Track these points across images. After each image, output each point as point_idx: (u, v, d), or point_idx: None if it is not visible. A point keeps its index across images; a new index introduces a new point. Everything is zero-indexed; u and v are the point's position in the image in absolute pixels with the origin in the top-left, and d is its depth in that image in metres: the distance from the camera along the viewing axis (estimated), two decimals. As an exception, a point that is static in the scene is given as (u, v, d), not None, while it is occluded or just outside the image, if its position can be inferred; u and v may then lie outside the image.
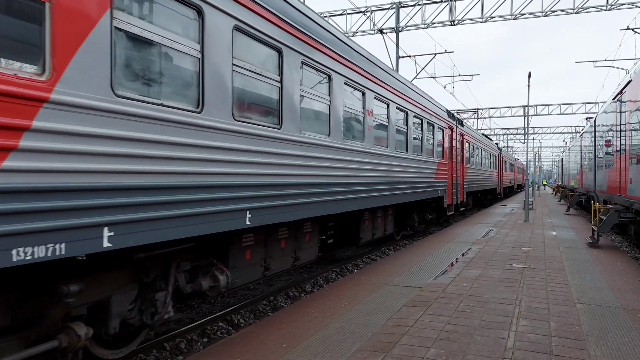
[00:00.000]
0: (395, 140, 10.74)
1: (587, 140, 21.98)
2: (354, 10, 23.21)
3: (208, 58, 4.81)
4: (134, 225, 3.94)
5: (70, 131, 3.43)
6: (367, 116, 9.06)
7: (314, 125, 7.17)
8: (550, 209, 25.29)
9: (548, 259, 9.59)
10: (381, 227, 11.44)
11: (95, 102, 3.61)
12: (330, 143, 7.51)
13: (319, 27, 7.22)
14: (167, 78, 4.47)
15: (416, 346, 4.59)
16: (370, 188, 9.16)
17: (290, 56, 6.33)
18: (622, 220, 11.59)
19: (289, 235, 7.45)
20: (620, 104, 12.60)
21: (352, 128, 8.55)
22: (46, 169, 3.27)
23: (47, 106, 3.28)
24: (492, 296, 6.51)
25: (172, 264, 5.07)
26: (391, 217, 12.29)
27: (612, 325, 5.27)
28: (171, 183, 4.32)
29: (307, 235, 8.09)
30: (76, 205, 3.46)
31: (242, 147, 5.33)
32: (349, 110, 8.38)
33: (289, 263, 7.54)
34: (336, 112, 7.81)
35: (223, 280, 5.51)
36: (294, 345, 4.66)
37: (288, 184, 6.27)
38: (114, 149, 3.78)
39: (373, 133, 9.34)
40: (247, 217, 5.40)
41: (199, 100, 4.75)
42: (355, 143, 8.48)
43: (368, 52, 9.52)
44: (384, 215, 11.60)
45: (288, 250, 7.47)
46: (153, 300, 4.90)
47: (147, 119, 4.09)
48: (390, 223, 12.20)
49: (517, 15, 21.38)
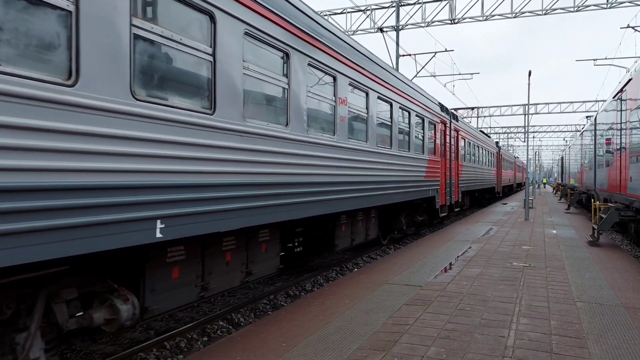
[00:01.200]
0: (377, 134, 9.58)
1: (587, 138, 21.97)
2: (354, 9, 23.19)
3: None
4: None
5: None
6: (340, 105, 7.92)
7: (263, 113, 6.01)
8: (550, 208, 25.28)
9: (548, 257, 9.58)
10: (362, 232, 10.36)
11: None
12: (288, 135, 6.30)
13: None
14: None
15: (416, 345, 4.59)
16: (344, 188, 8.05)
17: None
18: (623, 218, 11.59)
19: (238, 246, 6.25)
20: (621, 102, 12.59)
21: (320, 119, 7.41)
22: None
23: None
24: (492, 295, 6.51)
25: (41, 293, 3.89)
26: (374, 220, 11.15)
27: (612, 324, 5.27)
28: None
29: (264, 245, 6.87)
30: None
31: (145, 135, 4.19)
32: (316, 96, 7.15)
33: (237, 279, 6.34)
34: (296, 98, 6.49)
35: (125, 310, 4.35)
36: (294, 343, 4.66)
37: (220, 184, 5.00)
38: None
39: (347, 125, 8.20)
40: (158, 228, 4.20)
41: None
42: (323, 136, 7.34)
43: (338, 29, 8.27)
44: (365, 218, 10.52)
45: (236, 264, 6.26)
46: (12, 343, 3.74)
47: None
48: (373, 227, 11.09)
49: (518, 14, 21.36)
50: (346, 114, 8.19)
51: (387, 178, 10.15)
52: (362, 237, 10.39)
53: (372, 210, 10.87)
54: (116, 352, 5.28)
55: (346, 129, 8.21)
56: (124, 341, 5.80)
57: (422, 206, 14.08)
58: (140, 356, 5.23)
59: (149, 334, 6.09)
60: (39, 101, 3.25)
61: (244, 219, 5.43)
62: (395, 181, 10.67)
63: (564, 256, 9.72)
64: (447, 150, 16.07)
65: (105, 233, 3.72)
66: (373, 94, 9.49)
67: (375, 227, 11.23)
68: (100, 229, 3.67)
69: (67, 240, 3.42)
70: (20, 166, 3.14)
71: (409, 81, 12.39)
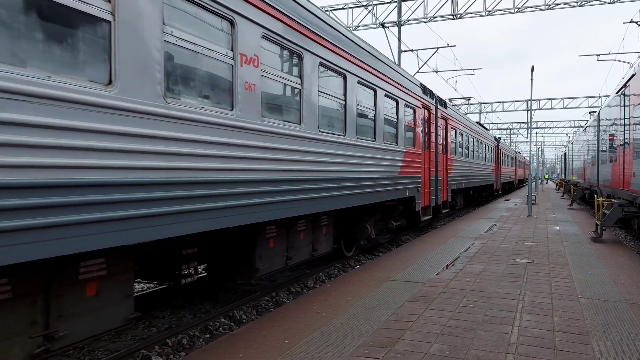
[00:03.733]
0: (318, 115, 7.06)
1: (590, 134, 21.88)
2: (356, 4, 23.11)
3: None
4: None
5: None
6: (244, 65, 5.41)
7: None
8: (553, 204, 25.22)
9: (551, 253, 9.55)
10: (306, 246, 7.89)
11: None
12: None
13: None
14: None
15: (419, 341, 4.57)
16: (268, 189, 5.84)
17: None
18: (626, 214, 11.55)
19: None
20: (624, 97, 12.52)
21: (213, 86, 5.12)
22: None
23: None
24: (495, 291, 6.49)
25: None
26: (327, 229, 8.70)
27: (615, 320, 5.25)
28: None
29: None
30: None
31: None
32: (190, 47, 4.73)
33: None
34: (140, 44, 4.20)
35: None
36: (296, 340, 4.65)
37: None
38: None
39: (260, 99, 5.69)
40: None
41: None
42: (213, 111, 4.95)
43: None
44: (311, 227, 8.06)
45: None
46: None
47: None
48: (325, 238, 8.62)
49: (520, 9, 21.27)
50: (258, 82, 5.65)
51: (339, 174, 7.75)
52: (307, 253, 7.94)
53: (322, 218, 8.47)
54: (119, 349, 5.28)
55: (257, 104, 5.65)
56: (126, 338, 5.80)
57: (397, 209, 11.61)
58: (142, 353, 5.23)
59: (151, 331, 6.10)
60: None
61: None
62: (352, 179, 8.24)
63: (567, 252, 9.68)
64: (432, 142, 13.78)
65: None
66: (311, 59, 6.86)
67: (329, 237, 8.82)
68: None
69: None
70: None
71: (376, 51, 9.64)
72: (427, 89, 13.64)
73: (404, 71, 11.70)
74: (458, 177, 17.51)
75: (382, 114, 9.70)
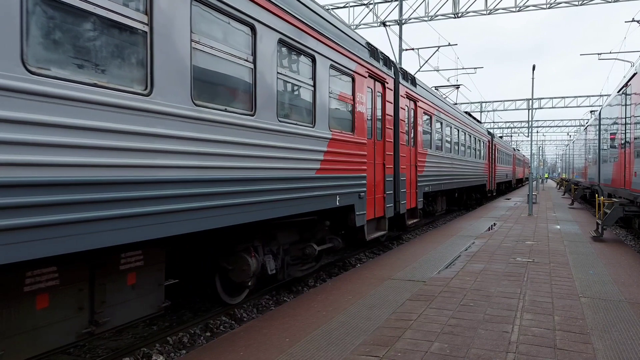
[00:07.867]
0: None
1: (591, 133, 21.86)
2: (357, 3, 23.08)
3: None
4: None
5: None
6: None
7: None
8: (554, 203, 25.20)
9: (552, 252, 9.55)
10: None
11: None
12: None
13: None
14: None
15: (420, 340, 4.57)
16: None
17: None
18: (627, 213, 11.54)
19: None
20: (625, 96, 12.50)
21: None
22: None
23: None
24: (496, 290, 6.49)
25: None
26: (154, 273, 5.14)
27: (616, 319, 5.25)
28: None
29: None
30: None
31: None
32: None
33: None
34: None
35: None
36: (297, 339, 4.66)
37: None
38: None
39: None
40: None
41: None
42: None
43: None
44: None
45: None
46: None
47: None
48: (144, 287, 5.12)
49: (522, 8, 21.23)
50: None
51: (177, 174, 4.42)
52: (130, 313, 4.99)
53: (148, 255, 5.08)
54: (119, 348, 5.29)
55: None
56: (127, 336, 5.81)
57: (322, 226, 8.09)
58: (143, 351, 5.24)
59: (152, 329, 6.10)
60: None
61: None
62: (203, 180, 4.75)
63: (568, 251, 9.68)
64: (389, 129, 10.20)
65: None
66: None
67: (153, 292, 5.15)
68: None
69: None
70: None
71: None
72: (383, 55, 9.95)
73: (334, 17, 7.84)
74: (434, 176, 14.13)
75: (274, 72, 5.97)
